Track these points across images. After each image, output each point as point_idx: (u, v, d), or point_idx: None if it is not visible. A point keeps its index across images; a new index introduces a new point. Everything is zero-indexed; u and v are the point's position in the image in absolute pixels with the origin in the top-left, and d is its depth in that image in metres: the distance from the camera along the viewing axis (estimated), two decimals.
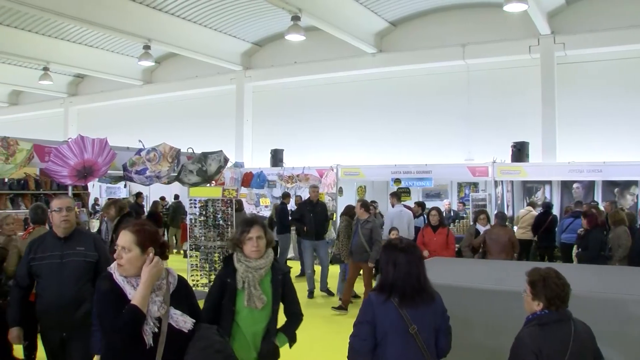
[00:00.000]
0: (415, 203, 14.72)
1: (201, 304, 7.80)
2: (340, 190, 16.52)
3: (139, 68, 22.81)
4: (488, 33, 16.91)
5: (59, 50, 20.89)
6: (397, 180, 15.78)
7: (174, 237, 18.52)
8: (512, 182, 15.74)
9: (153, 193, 18.81)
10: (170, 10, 17.47)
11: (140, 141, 10.48)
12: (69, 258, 5.03)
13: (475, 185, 17.30)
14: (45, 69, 21.59)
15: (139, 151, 10.22)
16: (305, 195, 15.51)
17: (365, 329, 3.85)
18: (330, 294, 12.38)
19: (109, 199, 17.01)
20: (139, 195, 17.41)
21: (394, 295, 3.83)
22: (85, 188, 13.42)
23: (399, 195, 13.26)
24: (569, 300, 3.69)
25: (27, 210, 12.25)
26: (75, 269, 5.04)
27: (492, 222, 10.73)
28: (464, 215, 16.24)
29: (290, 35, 15.65)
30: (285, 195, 15.37)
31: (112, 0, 16.00)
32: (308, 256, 12.40)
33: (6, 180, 12.31)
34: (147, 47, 18.06)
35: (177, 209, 17.95)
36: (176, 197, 18.05)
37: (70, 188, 10.94)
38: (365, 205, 11.03)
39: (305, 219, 12.54)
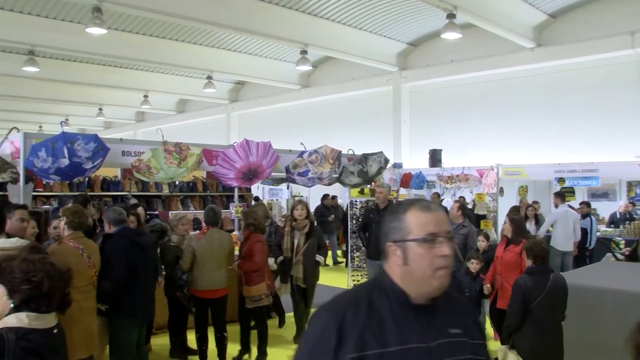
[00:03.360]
0: (580, 203, 13.98)
1: None
2: (501, 191, 16.04)
3: (296, 73, 23.31)
4: None
5: (221, 60, 21.82)
6: (561, 180, 15.11)
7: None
8: None
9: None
10: (325, 15, 17.72)
11: (302, 144, 10.68)
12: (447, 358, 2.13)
13: None
14: (209, 77, 22.62)
15: (301, 153, 10.42)
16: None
17: None
18: None
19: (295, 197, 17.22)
20: (325, 196, 17.30)
21: None
22: (249, 190, 13.90)
23: (563, 195, 12.66)
24: None
25: (196, 211, 12.97)
26: None
27: None
28: (635, 217, 15.25)
29: (446, 34, 15.34)
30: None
31: (270, 9, 16.44)
32: (370, 276, 9.69)
33: (177, 183, 13.03)
34: (304, 52, 18.39)
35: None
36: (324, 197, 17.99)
37: (236, 190, 11.42)
38: (463, 207, 9.36)
39: (368, 230, 9.84)
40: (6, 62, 21.10)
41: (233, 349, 7.90)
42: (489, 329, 8.05)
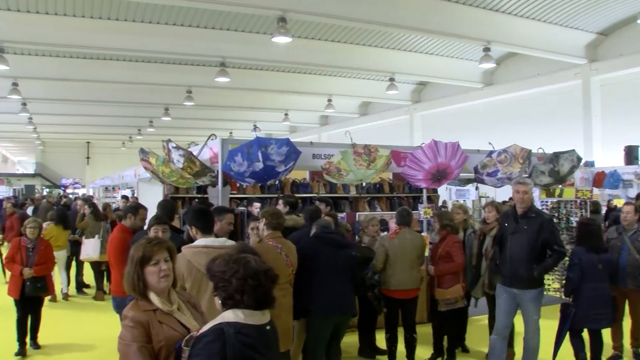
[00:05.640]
0: None
1: (550, 310, 7.47)
2: None
3: (478, 71, 22.87)
4: None
5: (403, 61, 21.89)
6: None
7: None
8: None
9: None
10: (507, 10, 17.23)
11: (490, 143, 10.45)
12: None
13: None
14: (391, 79, 22.73)
15: (489, 153, 10.19)
16: None
17: (576, 267, 6.82)
18: None
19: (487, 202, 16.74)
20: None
21: (589, 247, 6.87)
22: (435, 191, 13.78)
23: None
24: None
25: (383, 212, 13.05)
26: None
27: None
28: None
29: None
30: None
31: (451, 8, 16.27)
32: (501, 311, 6.98)
33: (364, 184, 13.20)
34: (486, 50, 18.01)
35: None
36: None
37: (424, 191, 11.38)
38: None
39: (502, 243, 7.02)
40: (201, 74, 22.63)
41: (421, 350, 7.86)
42: None
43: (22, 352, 8.35)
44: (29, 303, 8.39)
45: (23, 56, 20.41)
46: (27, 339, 8.47)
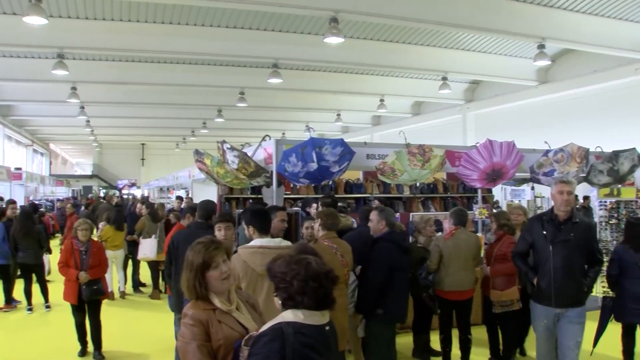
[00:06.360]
0: None
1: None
2: None
3: (532, 69, 22.46)
4: None
5: (456, 60, 21.61)
6: None
7: None
8: None
9: None
10: (562, 5, 16.82)
11: (546, 142, 10.30)
12: None
13: None
14: (444, 78, 22.46)
15: (545, 152, 10.05)
16: None
17: (615, 264, 7.03)
18: None
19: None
20: (585, 198, 16.10)
21: (631, 246, 6.99)
22: (490, 191, 13.64)
23: None
24: None
25: (437, 213, 12.97)
26: None
27: None
28: None
29: None
30: None
31: (504, 5, 16.00)
32: (542, 339, 6.02)
33: (418, 184, 13.14)
34: (541, 47, 17.66)
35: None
36: None
37: (479, 191, 11.26)
38: None
39: (536, 254, 6.03)
40: (253, 76, 22.79)
41: (476, 352, 7.78)
42: None
43: (84, 351, 8.55)
44: (88, 307, 8.45)
45: (81, 61, 20.87)
46: (88, 338, 8.61)
